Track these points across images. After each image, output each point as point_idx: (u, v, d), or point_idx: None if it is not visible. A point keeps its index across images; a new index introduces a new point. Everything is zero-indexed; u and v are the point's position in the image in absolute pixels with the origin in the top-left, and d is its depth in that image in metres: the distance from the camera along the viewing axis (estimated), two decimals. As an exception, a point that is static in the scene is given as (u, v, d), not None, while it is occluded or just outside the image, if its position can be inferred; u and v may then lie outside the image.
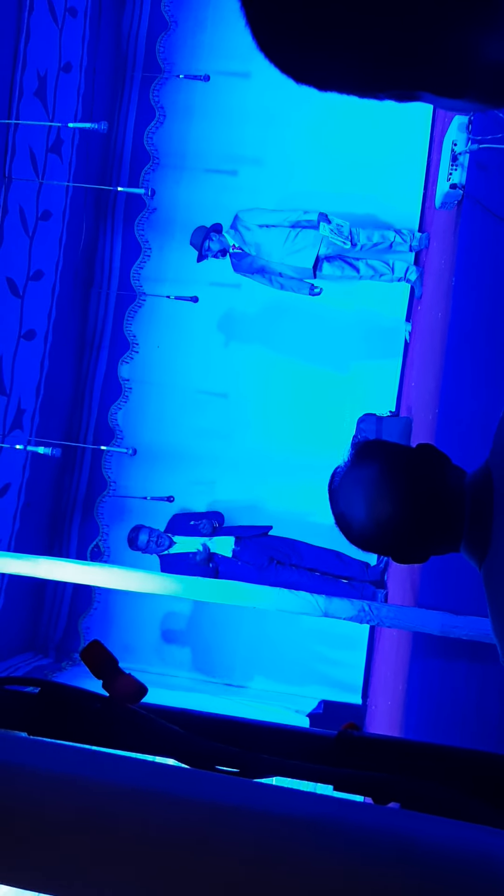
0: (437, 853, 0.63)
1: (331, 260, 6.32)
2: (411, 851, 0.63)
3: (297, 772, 0.81)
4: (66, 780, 0.69)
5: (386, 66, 0.63)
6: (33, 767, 0.70)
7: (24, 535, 6.60)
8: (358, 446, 1.43)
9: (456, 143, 4.94)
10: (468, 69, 0.63)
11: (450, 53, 0.61)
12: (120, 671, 0.84)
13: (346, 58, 0.62)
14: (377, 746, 0.87)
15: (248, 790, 0.70)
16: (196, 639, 7.26)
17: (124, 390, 7.50)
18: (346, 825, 0.65)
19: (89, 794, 0.68)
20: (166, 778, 0.70)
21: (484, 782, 0.84)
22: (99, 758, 0.73)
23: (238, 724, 0.89)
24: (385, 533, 1.38)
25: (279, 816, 0.65)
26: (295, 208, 6.40)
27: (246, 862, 0.63)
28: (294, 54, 0.63)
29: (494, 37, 0.61)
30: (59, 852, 0.66)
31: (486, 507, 1.31)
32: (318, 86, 0.66)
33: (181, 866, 0.64)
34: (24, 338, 6.37)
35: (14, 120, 5.78)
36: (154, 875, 0.64)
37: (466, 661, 3.91)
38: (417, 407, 6.04)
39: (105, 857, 0.65)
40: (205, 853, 0.64)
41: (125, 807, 0.67)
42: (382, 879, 0.62)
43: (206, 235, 6.27)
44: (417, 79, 0.64)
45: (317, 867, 0.63)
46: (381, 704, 6.04)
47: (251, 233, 6.25)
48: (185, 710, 0.90)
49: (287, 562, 6.16)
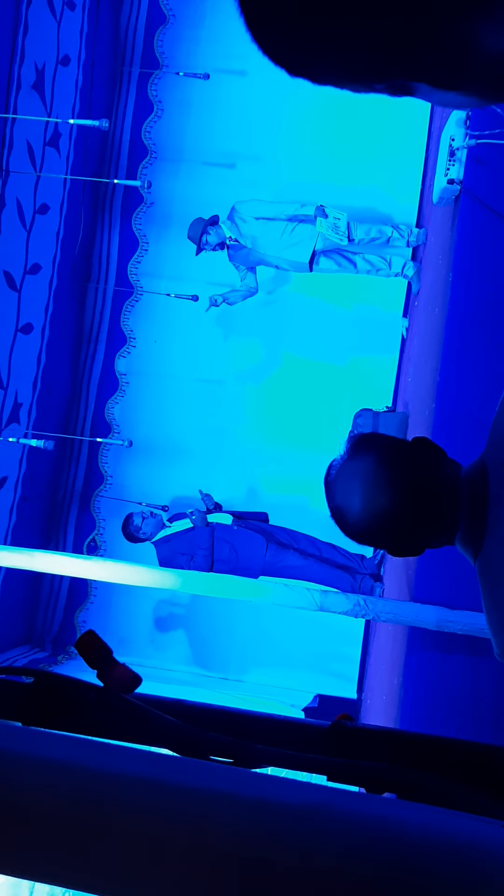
0: (431, 842, 0.63)
1: (327, 254, 6.29)
2: (404, 840, 0.63)
3: (290, 761, 0.82)
4: (60, 768, 0.69)
5: (384, 56, 0.62)
6: (27, 756, 0.70)
7: (20, 528, 6.60)
8: (354, 439, 1.43)
9: (454, 139, 4.94)
10: (466, 59, 0.62)
11: (448, 43, 0.61)
12: (114, 661, 0.85)
13: (344, 47, 0.62)
14: (370, 737, 0.88)
15: (242, 779, 0.70)
16: (192, 632, 7.27)
17: (121, 385, 7.49)
18: (339, 814, 0.65)
19: (83, 782, 0.68)
20: (161, 767, 0.70)
21: (477, 772, 0.84)
22: (93, 747, 0.74)
23: (232, 714, 0.89)
24: (380, 526, 1.38)
25: (273, 805, 0.66)
26: (293, 200, 6.37)
27: (239, 850, 0.63)
28: (288, 45, 0.63)
29: (492, 28, 0.60)
30: (52, 840, 0.67)
31: (481, 501, 1.32)
32: (312, 78, 0.66)
33: (175, 854, 0.64)
34: (21, 331, 6.36)
35: (11, 114, 5.76)
36: (148, 862, 0.64)
37: (462, 656, 3.92)
38: (414, 402, 6.04)
39: (99, 846, 0.66)
40: (198, 841, 0.64)
41: (120, 795, 0.67)
42: (376, 868, 0.62)
43: (204, 229, 6.24)
44: (415, 69, 0.64)
45: (311, 856, 0.63)
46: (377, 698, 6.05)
47: (247, 225, 6.22)
48: (179, 700, 0.90)
49: (287, 545, 6.17)
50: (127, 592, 6.57)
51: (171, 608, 7.26)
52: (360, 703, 6.85)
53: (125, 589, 5.96)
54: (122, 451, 7.08)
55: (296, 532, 6.23)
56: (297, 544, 6.17)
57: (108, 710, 0.83)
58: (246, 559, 6.02)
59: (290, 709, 6.42)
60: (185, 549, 6.04)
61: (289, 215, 6.19)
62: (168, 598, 7.12)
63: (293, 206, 6.22)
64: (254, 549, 6.04)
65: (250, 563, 6.00)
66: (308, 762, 0.82)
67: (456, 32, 0.60)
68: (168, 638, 7.24)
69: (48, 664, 6.91)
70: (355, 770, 0.81)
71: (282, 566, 6.05)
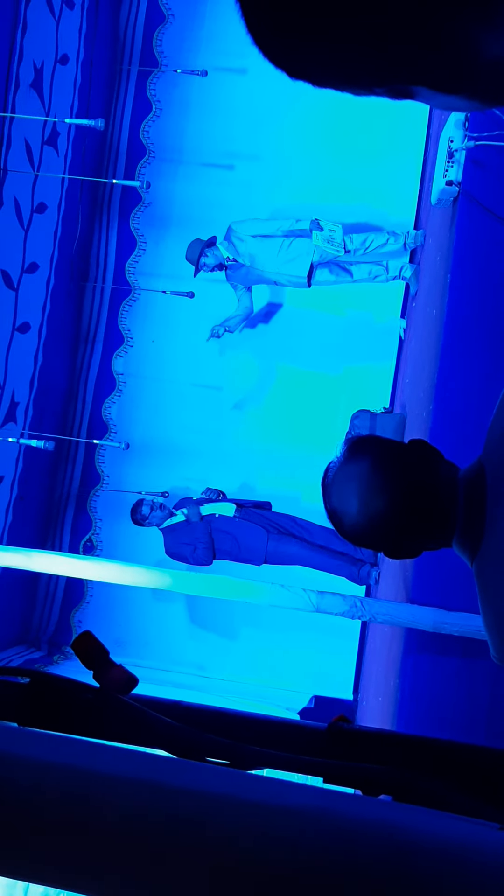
0: (427, 845, 0.63)
1: (325, 266, 6.33)
2: (400, 843, 0.63)
3: (287, 763, 0.81)
4: (56, 769, 0.69)
5: (385, 60, 0.62)
6: (23, 757, 0.70)
7: (16, 528, 6.60)
8: (351, 441, 1.43)
9: (452, 140, 4.94)
10: (468, 64, 0.62)
11: (450, 48, 0.61)
12: (111, 662, 0.84)
13: (344, 51, 0.62)
14: (367, 739, 0.88)
15: (239, 781, 0.70)
16: (188, 633, 7.27)
17: (118, 384, 7.49)
18: (336, 816, 0.65)
19: (79, 783, 0.68)
20: (157, 768, 0.70)
21: (473, 775, 0.84)
22: (89, 748, 0.73)
23: (229, 715, 0.89)
24: (377, 528, 1.38)
25: (269, 807, 0.65)
26: (287, 217, 6.39)
27: (235, 851, 0.63)
28: (289, 49, 0.63)
29: (494, 32, 0.60)
30: (48, 842, 0.66)
31: (478, 503, 1.32)
32: (313, 81, 0.65)
33: (171, 856, 0.64)
34: (18, 330, 6.35)
35: (10, 113, 5.76)
36: (144, 864, 0.64)
37: (458, 657, 3.92)
38: (411, 404, 6.04)
39: (95, 847, 0.66)
40: (194, 842, 0.64)
41: (116, 796, 0.67)
42: (372, 870, 0.62)
43: (202, 251, 6.28)
44: (416, 73, 0.64)
45: (307, 858, 0.63)
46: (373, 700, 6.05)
47: (245, 244, 6.27)
48: (175, 701, 0.90)
49: (288, 532, 6.25)
50: (123, 592, 6.57)
51: (168, 609, 7.25)
52: (357, 704, 6.84)
53: (121, 589, 5.96)
54: (119, 451, 7.08)
55: (298, 518, 6.29)
56: (298, 532, 6.25)
57: (104, 712, 0.83)
58: (248, 549, 6.15)
59: (286, 712, 6.41)
60: (187, 539, 6.14)
61: (285, 231, 6.24)
62: (164, 599, 7.12)
63: (288, 222, 6.26)
64: (256, 540, 6.14)
65: (252, 553, 6.14)
66: (304, 764, 0.82)
67: (457, 37, 0.60)
68: (164, 638, 7.23)
69: (44, 664, 6.90)
70: (352, 772, 0.81)
71: (284, 554, 6.15)
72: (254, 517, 6.25)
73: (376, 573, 6.20)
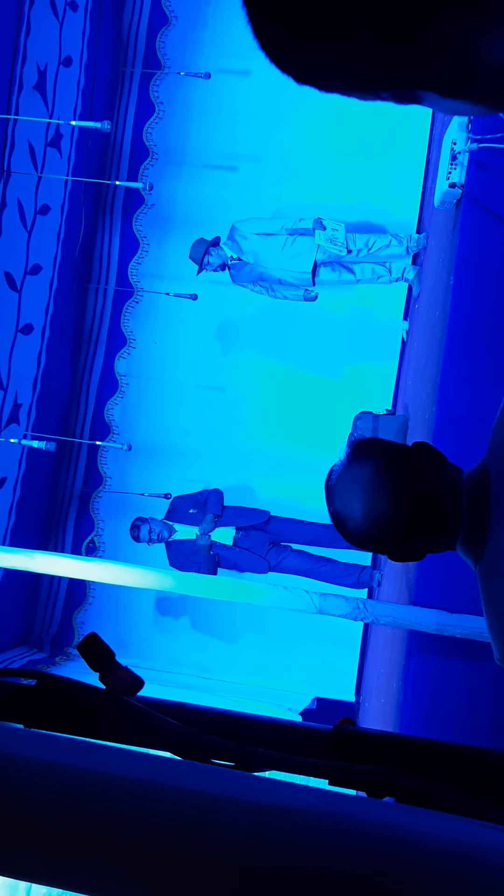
0: (431, 847, 0.63)
1: (328, 265, 6.34)
2: (404, 845, 0.63)
3: (292, 765, 0.82)
4: (61, 771, 0.69)
5: (391, 66, 0.62)
6: (29, 759, 0.71)
7: (19, 529, 6.60)
8: (354, 444, 1.43)
9: (455, 142, 4.94)
10: (474, 69, 0.63)
11: (456, 53, 0.61)
12: (117, 664, 0.85)
13: (351, 56, 0.62)
14: (372, 741, 0.88)
15: (244, 782, 0.70)
16: (190, 634, 7.27)
17: (121, 386, 7.50)
18: (341, 818, 0.65)
19: (85, 785, 0.68)
20: (162, 770, 0.70)
21: (476, 777, 0.85)
22: (95, 750, 0.74)
23: (234, 717, 0.89)
24: (381, 531, 1.38)
25: (274, 808, 0.66)
26: (290, 216, 6.40)
27: (240, 853, 0.64)
28: (296, 54, 0.63)
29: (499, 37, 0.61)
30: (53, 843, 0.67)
31: (482, 506, 1.32)
32: (319, 86, 0.66)
33: (175, 857, 0.64)
34: (21, 332, 6.36)
35: (13, 114, 5.77)
36: (149, 865, 0.64)
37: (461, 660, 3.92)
38: (414, 405, 6.04)
39: (100, 848, 0.66)
40: (199, 844, 0.64)
41: (121, 798, 0.67)
42: (376, 872, 0.62)
43: (206, 250, 6.29)
44: (422, 79, 0.64)
45: (312, 860, 0.63)
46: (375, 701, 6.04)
47: (248, 242, 6.28)
48: (181, 703, 0.90)
49: (287, 543, 6.28)
50: (126, 594, 6.57)
51: (170, 610, 7.25)
52: (359, 706, 6.84)
53: (124, 590, 5.96)
54: (122, 452, 7.08)
55: (299, 522, 6.29)
56: (297, 538, 6.27)
57: (109, 713, 0.83)
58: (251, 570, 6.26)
59: (287, 712, 6.41)
60: (190, 559, 6.16)
61: (288, 229, 6.26)
62: (167, 600, 7.12)
63: (291, 221, 6.28)
64: (257, 567, 6.24)
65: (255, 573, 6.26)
66: (309, 766, 0.82)
67: (463, 42, 0.60)
68: (166, 640, 7.23)
69: (46, 665, 6.91)
70: (356, 774, 0.81)
71: (286, 570, 6.20)
72: (254, 540, 6.25)
73: (379, 576, 6.21)
